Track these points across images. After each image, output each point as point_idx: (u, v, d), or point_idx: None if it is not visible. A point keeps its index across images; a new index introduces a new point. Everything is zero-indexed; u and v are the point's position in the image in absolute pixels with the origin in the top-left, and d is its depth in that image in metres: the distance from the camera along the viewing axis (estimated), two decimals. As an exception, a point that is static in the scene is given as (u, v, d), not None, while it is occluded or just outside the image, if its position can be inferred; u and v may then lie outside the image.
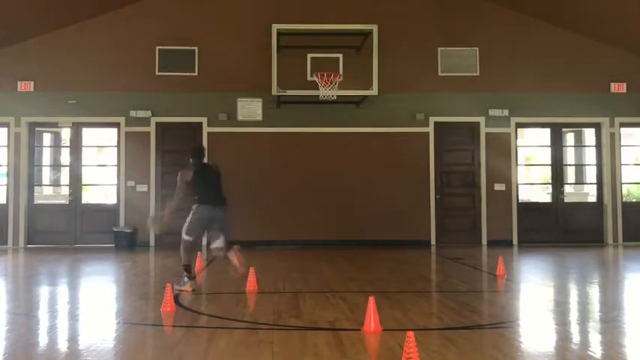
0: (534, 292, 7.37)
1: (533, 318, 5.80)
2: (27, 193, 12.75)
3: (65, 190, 13.24)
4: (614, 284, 8.07)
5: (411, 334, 3.77)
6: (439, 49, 13.07)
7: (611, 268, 10.07)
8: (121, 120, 12.77)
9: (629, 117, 13.24)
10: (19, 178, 12.64)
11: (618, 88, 13.18)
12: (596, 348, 4.62)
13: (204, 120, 12.82)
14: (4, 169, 12.81)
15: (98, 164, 13.55)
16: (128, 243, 12.30)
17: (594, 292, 7.41)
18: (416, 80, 12.94)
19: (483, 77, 13.04)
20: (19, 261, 10.69)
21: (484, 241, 12.92)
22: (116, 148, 12.92)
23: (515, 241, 12.96)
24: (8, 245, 12.50)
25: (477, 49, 13.08)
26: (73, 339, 5.00)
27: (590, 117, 13.29)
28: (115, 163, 12.92)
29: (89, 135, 13.30)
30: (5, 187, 12.74)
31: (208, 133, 12.79)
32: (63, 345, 4.82)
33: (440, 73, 13.05)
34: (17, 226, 12.59)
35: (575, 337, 5.04)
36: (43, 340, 4.97)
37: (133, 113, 12.68)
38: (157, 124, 12.79)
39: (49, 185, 14.32)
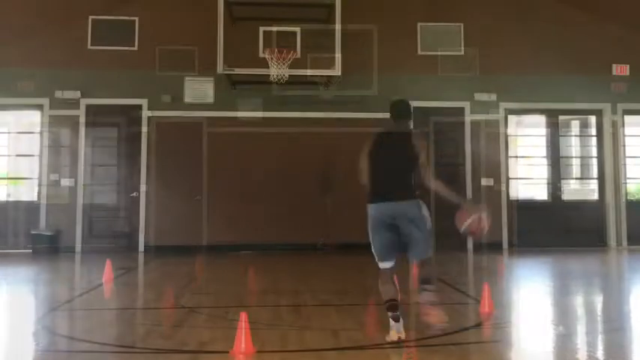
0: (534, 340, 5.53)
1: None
2: None
3: (-28, 184, 11.59)
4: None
5: None
6: (419, 24, 12.12)
7: (626, 282, 8.43)
8: (45, 102, 11.57)
9: (634, 103, 12.00)
10: None
11: (621, 70, 12.11)
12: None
13: (144, 102, 11.68)
14: None
15: (16, 154, 11.81)
16: (49, 248, 10.75)
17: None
18: (392, 60, 11.67)
19: (468, 56, 11.88)
20: None
21: (469, 245, 11.33)
22: (38, 135, 11.53)
23: (505, 245, 11.50)
24: None
25: (462, 24, 12.09)
26: None
27: (589, 103, 12.10)
28: (37, 152, 11.46)
29: (4, 119, 11.86)
30: None
31: (149, 117, 11.59)
32: None
33: (419, 52, 12.07)
34: None
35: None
36: None
37: (59, 94, 11.55)
38: (88, 106, 11.64)
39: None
